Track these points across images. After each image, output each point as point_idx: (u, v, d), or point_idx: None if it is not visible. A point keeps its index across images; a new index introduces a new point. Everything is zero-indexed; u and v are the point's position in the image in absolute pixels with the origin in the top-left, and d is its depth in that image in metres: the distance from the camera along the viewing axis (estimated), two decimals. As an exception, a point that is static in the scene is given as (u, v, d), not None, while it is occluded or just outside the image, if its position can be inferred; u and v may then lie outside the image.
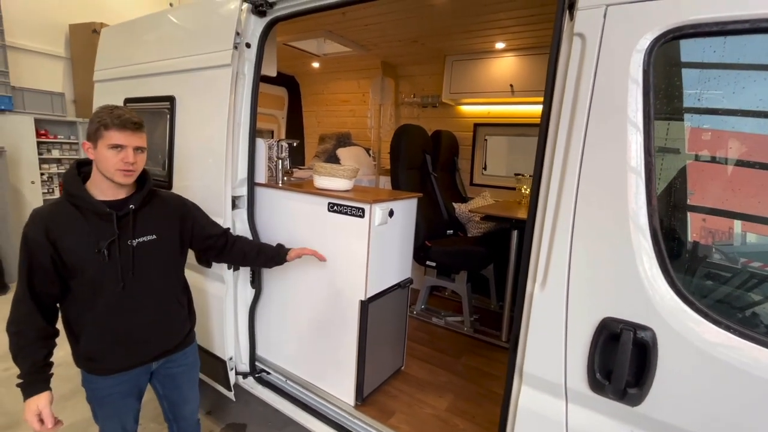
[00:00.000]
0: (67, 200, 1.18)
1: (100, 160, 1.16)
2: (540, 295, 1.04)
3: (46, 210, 1.17)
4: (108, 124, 1.14)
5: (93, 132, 1.16)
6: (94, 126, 1.15)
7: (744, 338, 0.81)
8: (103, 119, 1.14)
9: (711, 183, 0.97)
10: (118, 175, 1.17)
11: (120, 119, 1.15)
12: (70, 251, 1.15)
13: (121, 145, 1.16)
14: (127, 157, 1.17)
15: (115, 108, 1.18)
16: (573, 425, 1.02)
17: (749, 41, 0.84)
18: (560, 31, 1.05)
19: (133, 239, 1.24)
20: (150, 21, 2.19)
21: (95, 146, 1.16)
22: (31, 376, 1.20)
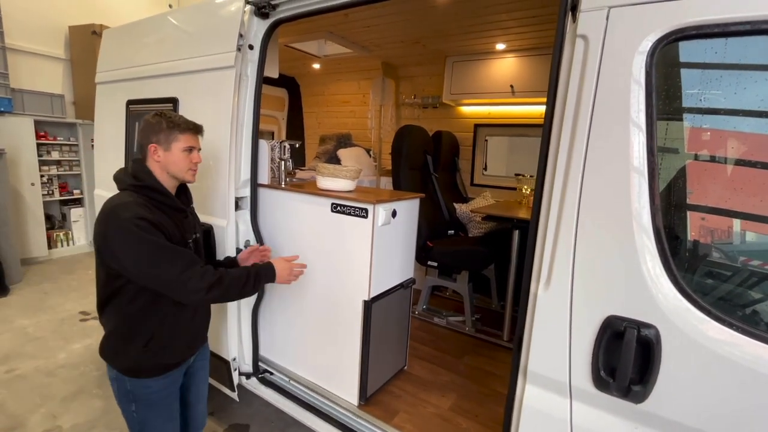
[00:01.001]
0: (145, 194, 1.22)
1: (172, 161, 1.25)
2: (544, 294, 1.05)
3: (137, 200, 1.19)
4: (183, 129, 1.26)
5: (166, 136, 1.24)
6: (167, 130, 1.24)
7: (747, 335, 0.82)
8: (177, 124, 1.25)
9: (713, 182, 0.98)
10: (189, 174, 1.30)
11: (191, 124, 1.29)
12: (172, 239, 1.21)
13: (193, 147, 1.29)
14: (197, 157, 1.31)
15: (173, 113, 1.30)
16: (577, 423, 1.03)
17: (750, 42, 0.85)
18: (563, 32, 1.05)
19: (193, 234, 1.35)
20: (153, 23, 2.20)
21: (167, 148, 1.25)
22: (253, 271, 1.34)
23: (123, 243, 1.13)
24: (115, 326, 1.26)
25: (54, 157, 5.10)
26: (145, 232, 1.13)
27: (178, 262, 1.16)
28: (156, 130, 1.24)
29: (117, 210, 1.15)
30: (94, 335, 3.24)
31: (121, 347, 1.26)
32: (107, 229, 1.15)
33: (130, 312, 1.23)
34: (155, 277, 1.15)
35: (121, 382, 1.27)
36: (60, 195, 5.25)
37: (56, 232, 5.21)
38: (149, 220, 1.15)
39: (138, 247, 1.13)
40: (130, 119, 2.26)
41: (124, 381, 1.27)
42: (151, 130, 1.25)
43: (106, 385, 2.58)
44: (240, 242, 1.91)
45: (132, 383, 1.27)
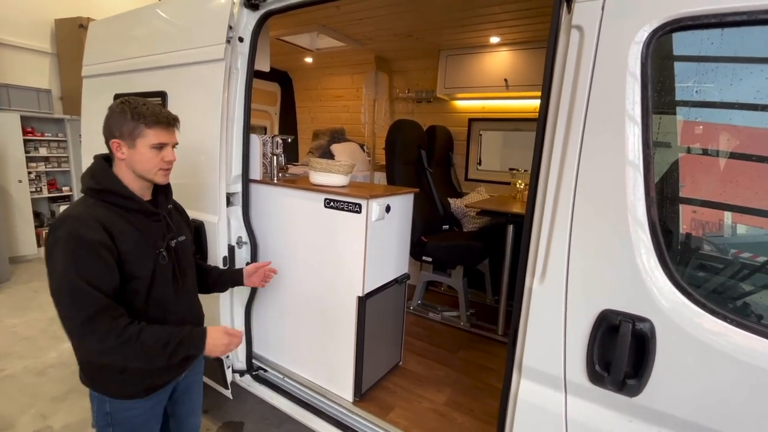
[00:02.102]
0: (104, 199, 1.06)
1: (139, 160, 1.07)
2: (539, 288, 1.04)
3: (89, 210, 1.02)
4: (150, 122, 1.06)
5: (130, 131, 1.06)
6: (132, 124, 1.05)
7: (742, 328, 0.81)
8: (143, 116, 1.05)
9: (707, 175, 0.98)
10: (160, 175, 1.12)
11: (162, 116, 1.09)
12: (130, 254, 1.04)
13: (164, 144, 1.10)
14: (170, 155, 1.12)
15: (144, 102, 1.08)
16: (572, 417, 1.03)
17: (747, 33, 0.84)
18: (558, 23, 1.04)
19: (173, 239, 1.17)
20: (140, 14, 2.15)
21: (132, 145, 1.06)
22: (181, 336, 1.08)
23: (48, 259, 0.98)
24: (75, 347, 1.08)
25: (42, 153, 5.01)
26: (68, 257, 0.95)
27: (86, 309, 0.95)
28: (119, 123, 1.05)
29: (60, 221, 1.00)
30: (85, 334, 3.20)
31: (96, 375, 1.11)
32: (49, 240, 1.00)
33: None
34: (59, 311, 0.98)
35: (101, 402, 1.13)
36: (48, 192, 5.16)
37: (45, 230, 5.12)
38: (86, 241, 0.96)
39: (57, 271, 0.96)
40: (117, 114, 2.22)
41: (104, 401, 1.13)
42: (114, 123, 1.06)
43: (98, 384, 2.56)
44: (232, 239, 1.88)
45: (112, 405, 1.13)
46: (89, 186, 1.07)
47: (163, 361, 1.06)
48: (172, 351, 1.05)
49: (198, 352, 1.12)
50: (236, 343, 1.19)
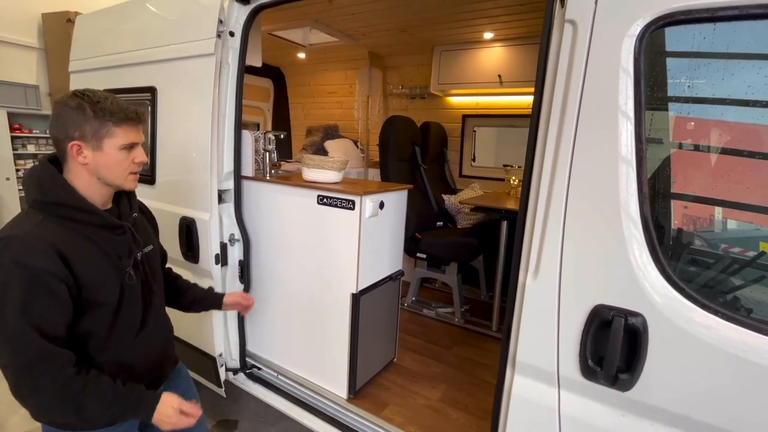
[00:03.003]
0: (57, 214, 0.89)
1: (105, 164, 0.92)
2: (532, 284, 1.04)
3: (38, 229, 0.86)
4: (118, 119, 0.91)
5: (95, 130, 0.90)
6: (96, 122, 0.89)
7: (732, 322, 0.82)
8: (109, 112, 0.90)
9: (699, 171, 0.98)
10: (129, 180, 0.98)
11: (130, 112, 0.93)
12: (90, 280, 0.90)
13: (135, 143, 0.96)
14: (141, 156, 0.98)
15: (105, 94, 0.93)
16: (565, 412, 1.04)
17: (738, 28, 0.84)
18: (551, 18, 1.03)
19: (139, 251, 1.04)
20: (129, 8, 2.11)
21: (98, 147, 0.91)
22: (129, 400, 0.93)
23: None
24: None
25: (30, 150, 4.92)
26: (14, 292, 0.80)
27: (25, 355, 0.81)
28: (77, 121, 0.88)
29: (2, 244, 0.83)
30: (76, 333, 3.16)
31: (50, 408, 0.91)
32: None
33: None
34: None
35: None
36: (36, 191, 5.08)
37: (34, 229, 5.05)
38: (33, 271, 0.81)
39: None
40: (106, 110, 2.18)
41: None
42: (71, 121, 0.89)
43: (90, 383, 2.53)
44: (224, 236, 1.86)
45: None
46: (36, 198, 0.89)
47: (104, 422, 0.93)
48: (115, 413, 0.92)
49: (143, 418, 0.97)
50: (185, 424, 0.99)
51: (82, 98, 0.90)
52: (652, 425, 0.93)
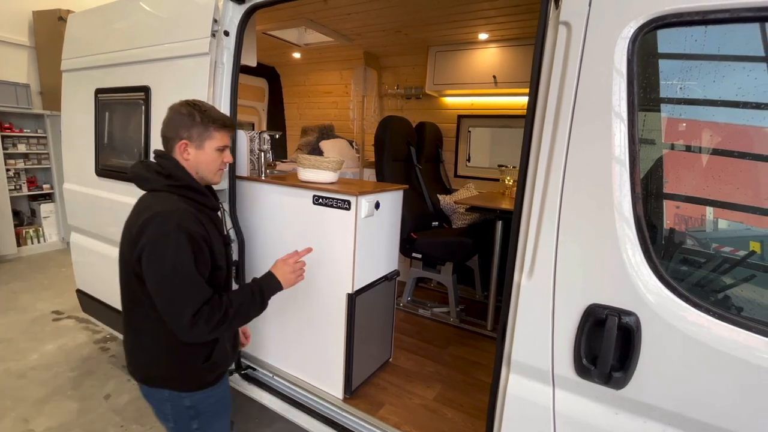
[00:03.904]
0: (184, 195, 1.11)
1: (204, 161, 1.15)
2: (527, 284, 1.05)
3: (185, 206, 1.09)
4: (218, 125, 1.14)
5: (200, 132, 1.12)
6: (201, 127, 1.12)
7: (724, 321, 0.83)
8: (213, 118, 1.13)
9: (691, 172, 0.99)
10: (217, 175, 1.20)
11: (228, 120, 1.17)
12: (215, 246, 1.13)
13: (226, 146, 1.18)
14: (228, 157, 1.20)
15: (206, 104, 1.16)
16: (560, 410, 1.04)
17: (729, 30, 0.86)
18: (545, 20, 1.04)
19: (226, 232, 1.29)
20: (122, 7, 2.09)
21: (200, 147, 1.13)
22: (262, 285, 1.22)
23: (153, 253, 1.02)
24: (164, 349, 1.13)
25: (21, 150, 4.86)
26: (181, 250, 1.02)
27: (194, 299, 1.04)
28: (188, 125, 1.11)
29: (162, 216, 1.03)
30: (67, 335, 3.13)
31: (177, 370, 1.15)
32: (145, 234, 1.02)
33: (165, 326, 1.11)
34: (166, 302, 1.04)
35: (177, 400, 1.16)
36: (28, 190, 5.02)
37: (25, 229, 4.99)
38: (192, 234, 1.04)
39: (167, 262, 1.01)
40: (99, 109, 2.16)
41: (181, 398, 1.16)
42: (182, 124, 1.11)
43: (82, 386, 2.50)
44: (219, 236, 1.85)
45: (192, 398, 1.17)
46: (169, 183, 1.11)
47: (256, 312, 1.19)
48: (260, 302, 1.19)
49: (279, 288, 1.26)
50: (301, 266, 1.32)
51: (193, 107, 1.13)
52: (645, 423, 0.94)
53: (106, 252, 2.25)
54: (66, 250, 5.12)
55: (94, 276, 2.45)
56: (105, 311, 2.36)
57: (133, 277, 1.09)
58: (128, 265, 1.09)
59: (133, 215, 1.11)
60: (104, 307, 2.36)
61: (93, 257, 2.37)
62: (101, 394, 2.44)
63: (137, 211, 1.10)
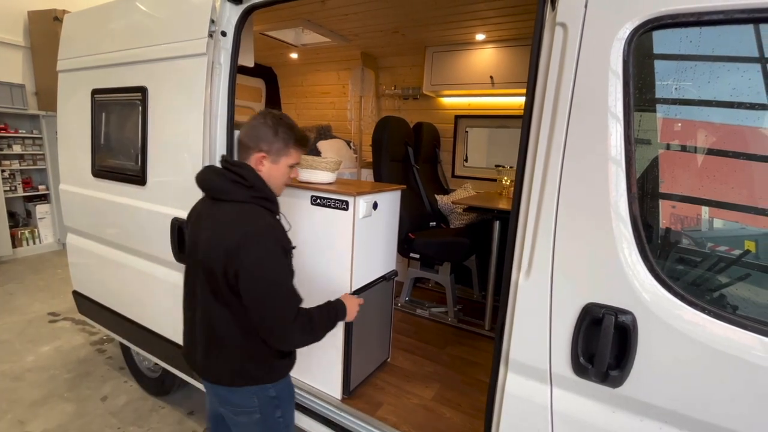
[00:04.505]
0: (264, 206, 1.14)
1: (275, 175, 1.18)
2: (525, 283, 1.06)
3: (272, 220, 1.14)
4: (297, 144, 1.18)
5: (279, 148, 1.16)
6: (283, 142, 1.15)
7: (720, 320, 0.84)
8: (293, 138, 1.17)
9: (686, 171, 1.00)
10: (282, 189, 1.24)
11: (305, 140, 1.21)
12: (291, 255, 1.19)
13: (297, 163, 1.23)
14: (295, 173, 1.26)
15: (292, 123, 1.20)
16: (558, 409, 1.05)
17: (723, 31, 0.86)
18: (542, 21, 1.05)
19: None
20: (119, 7, 2.08)
21: (276, 161, 1.17)
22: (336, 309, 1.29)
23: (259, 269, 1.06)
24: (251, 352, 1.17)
25: (16, 150, 4.84)
26: (281, 265, 1.09)
27: (294, 307, 1.12)
28: (269, 139, 1.14)
29: (261, 232, 1.07)
30: (63, 337, 3.11)
31: (265, 369, 1.21)
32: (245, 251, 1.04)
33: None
34: (268, 315, 1.09)
35: (264, 392, 1.21)
36: (24, 191, 4.99)
37: (21, 230, 4.96)
38: (285, 247, 1.11)
39: (271, 279, 1.07)
40: (95, 109, 2.15)
41: (267, 389, 1.21)
42: (264, 137, 1.14)
43: (78, 388, 2.49)
44: (217, 237, 1.85)
45: (276, 388, 1.23)
46: (254, 194, 1.13)
47: (327, 331, 1.23)
48: (333, 322, 1.25)
49: (344, 318, 1.32)
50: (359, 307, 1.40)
51: (278, 121, 1.16)
52: (642, 421, 0.95)
53: (103, 253, 2.24)
54: (62, 251, 5.09)
55: (91, 277, 2.43)
56: (102, 313, 2.35)
57: (224, 288, 1.08)
58: (214, 276, 1.09)
59: (216, 226, 1.10)
60: (101, 308, 2.35)
61: (89, 258, 2.36)
62: (98, 396, 2.43)
63: (221, 222, 1.10)
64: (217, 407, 1.35)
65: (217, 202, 1.15)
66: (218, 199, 1.15)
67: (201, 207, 1.23)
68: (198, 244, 1.15)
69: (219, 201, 1.15)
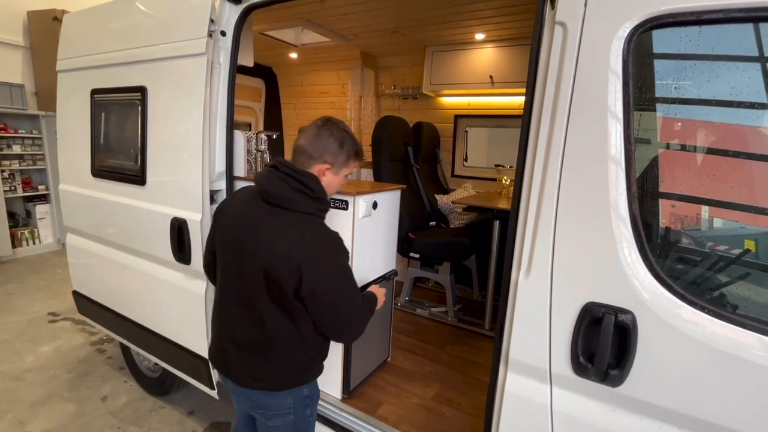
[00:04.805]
0: (320, 215, 1.18)
1: (333, 185, 1.21)
2: (525, 282, 1.06)
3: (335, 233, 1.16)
4: (356, 158, 1.22)
5: (342, 161, 1.18)
6: (345, 156, 1.18)
7: (719, 319, 0.84)
8: (355, 153, 1.20)
9: (686, 171, 1.00)
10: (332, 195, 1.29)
11: (361, 154, 1.25)
12: None
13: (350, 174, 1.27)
14: (345, 181, 1.30)
15: (354, 137, 1.23)
16: (557, 408, 1.05)
17: (723, 30, 0.86)
18: (542, 20, 1.05)
19: None
20: (118, 6, 2.08)
21: (337, 173, 1.19)
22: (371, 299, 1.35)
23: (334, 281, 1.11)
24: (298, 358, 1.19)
25: (15, 150, 4.83)
26: (350, 274, 1.16)
27: (359, 311, 1.22)
28: (335, 152, 1.15)
29: (334, 241, 1.13)
30: (63, 337, 3.11)
31: (307, 371, 1.24)
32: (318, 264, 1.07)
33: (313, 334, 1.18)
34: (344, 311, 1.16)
35: (298, 392, 1.23)
36: (24, 191, 4.99)
37: (21, 230, 4.96)
38: (347, 253, 1.17)
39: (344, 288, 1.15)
40: (95, 109, 2.15)
41: (302, 390, 1.23)
42: (329, 148, 1.14)
43: (78, 388, 2.49)
44: (216, 237, 1.85)
45: (309, 387, 1.26)
46: (320, 207, 1.17)
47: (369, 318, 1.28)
48: (372, 313, 1.30)
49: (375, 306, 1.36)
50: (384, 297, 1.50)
51: (344, 134, 1.18)
52: (641, 420, 0.95)
53: (103, 253, 2.24)
54: (61, 251, 5.09)
55: (91, 277, 2.43)
56: (101, 313, 2.35)
57: (289, 296, 1.08)
58: (278, 284, 1.07)
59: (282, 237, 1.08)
60: (101, 308, 2.35)
61: (89, 258, 2.36)
62: (98, 396, 2.43)
63: (289, 234, 1.08)
64: (247, 410, 1.34)
65: (276, 208, 1.11)
66: (277, 206, 1.11)
67: (245, 207, 1.17)
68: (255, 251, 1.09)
69: (278, 208, 1.11)
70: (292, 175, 1.11)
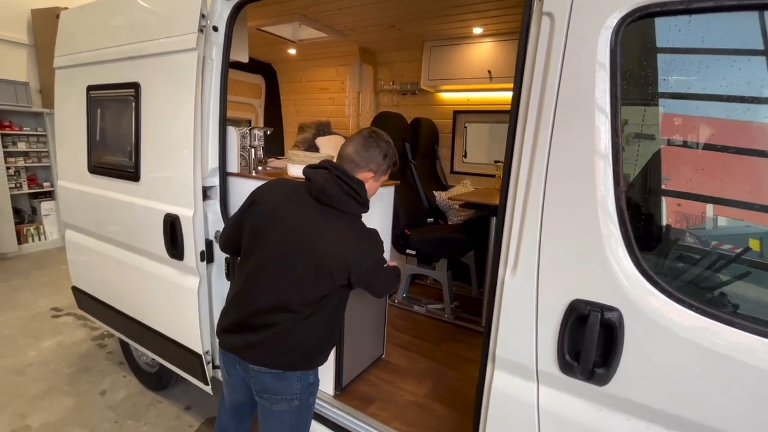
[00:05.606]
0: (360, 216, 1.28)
1: (372, 190, 1.30)
2: (511, 280, 1.04)
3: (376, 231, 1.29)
4: (392, 168, 1.33)
5: (383, 171, 1.29)
6: (386, 166, 1.29)
7: (706, 316, 0.82)
8: (394, 164, 1.32)
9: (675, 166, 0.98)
10: None
11: (397, 165, 1.35)
12: None
13: None
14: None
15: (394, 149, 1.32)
16: (544, 406, 1.04)
17: (713, 20, 0.84)
18: (530, 11, 1.02)
19: None
20: (112, 3, 2.08)
21: (377, 180, 1.30)
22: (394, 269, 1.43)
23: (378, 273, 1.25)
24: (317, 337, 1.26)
25: (21, 148, 4.89)
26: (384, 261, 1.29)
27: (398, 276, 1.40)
28: (379, 162, 1.26)
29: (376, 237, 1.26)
30: (65, 332, 3.15)
31: (321, 351, 1.30)
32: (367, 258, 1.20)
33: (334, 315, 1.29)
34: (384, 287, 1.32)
35: (306, 378, 1.28)
36: (29, 188, 5.05)
37: (26, 227, 5.02)
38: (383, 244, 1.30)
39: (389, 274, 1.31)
40: (91, 105, 2.16)
41: (308, 376, 1.29)
42: (375, 158, 1.25)
43: (78, 382, 2.52)
44: (210, 233, 1.85)
45: (314, 374, 1.32)
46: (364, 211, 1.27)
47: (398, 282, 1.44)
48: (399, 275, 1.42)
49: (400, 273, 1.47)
50: None
51: (388, 146, 1.29)
52: (628, 419, 0.93)
53: (99, 249, 2.26)
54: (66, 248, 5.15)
55: (89, 273, 2.45)
56: (100, 308, 2.37)
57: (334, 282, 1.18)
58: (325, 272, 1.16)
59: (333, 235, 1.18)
60: (99, 304, 2.36)
61: (87, 254, 2.38)
62: (97, 391, 2.46)
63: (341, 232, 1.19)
64: (242, 399, 1.38)
65: (325, 206, 1.21)
66: (326, 204, 1.21)
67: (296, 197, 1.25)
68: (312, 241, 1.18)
69: (327, 206, 1.21)
70: (344, 179, 1.21)
